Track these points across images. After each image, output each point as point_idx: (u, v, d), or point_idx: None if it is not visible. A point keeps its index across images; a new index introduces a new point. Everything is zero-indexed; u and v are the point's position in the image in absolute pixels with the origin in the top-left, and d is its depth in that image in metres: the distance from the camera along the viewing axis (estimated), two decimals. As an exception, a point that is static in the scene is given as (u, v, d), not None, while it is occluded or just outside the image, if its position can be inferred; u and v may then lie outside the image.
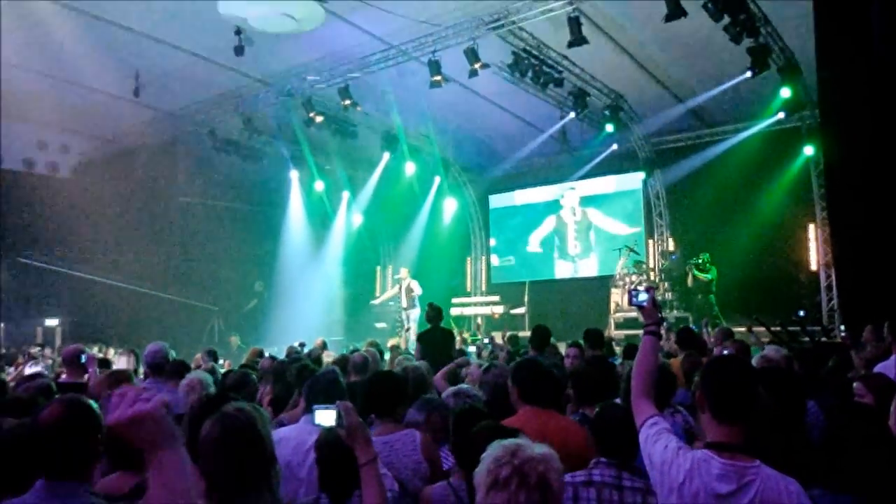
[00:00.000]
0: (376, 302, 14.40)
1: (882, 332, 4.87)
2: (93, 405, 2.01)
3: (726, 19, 8.33)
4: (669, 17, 8.04)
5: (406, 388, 3.14)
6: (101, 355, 7.45)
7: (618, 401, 3.58)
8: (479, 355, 6.52)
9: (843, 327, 9.31)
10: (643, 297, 2.29)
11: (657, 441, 1.88)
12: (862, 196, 6.88)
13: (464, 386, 3.53)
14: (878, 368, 4.06)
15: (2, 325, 11.42)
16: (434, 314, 6.42)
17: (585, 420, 3.18)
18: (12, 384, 4.40)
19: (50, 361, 7.81)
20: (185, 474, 1.17)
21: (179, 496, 1.15)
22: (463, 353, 6.72)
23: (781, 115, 11.57)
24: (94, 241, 12.59)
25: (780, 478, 1.75)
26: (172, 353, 4.80)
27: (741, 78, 9.85)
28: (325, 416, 2.06)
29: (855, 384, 3.04)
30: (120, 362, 6.50)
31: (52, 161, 13.15)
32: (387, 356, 6.51)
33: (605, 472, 2.31)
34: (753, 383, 1.85)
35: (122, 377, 3.92)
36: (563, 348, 6.65)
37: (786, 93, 10.33)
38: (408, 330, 11.18)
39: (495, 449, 1.49)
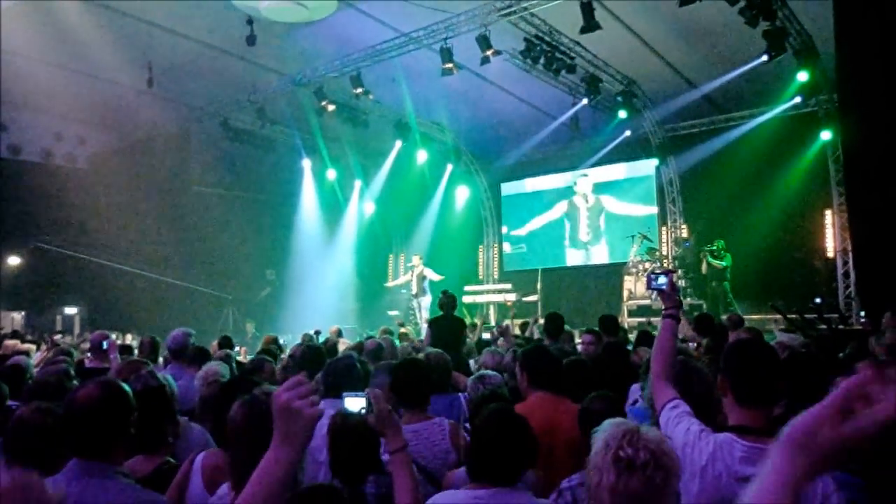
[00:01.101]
0: (389, 285, 14.51)
1: (902, 318, 4.82)
2: (127, 388, 2.06)
3: (742, 2, 8.19)
4: (684, 2, 7.93)
5: (432, 376, 3.11)
6: (119, 342, 7.59)
7: (634, 387, 3.61)
8: (495, 342, 6.53)
9: (862, 313, 9.22)
10: (662, 280, 2.30)
11: (679, 423, 1.89)
12: (881, 181, 6.77)
13: (487, 371, 3.55)
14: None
15: (22, 313, 11.65)
16: (447, 301, 6.42)
17: None
18: (37, 369, 4.50)
19: (72, 348, 7.95)
20: (290, 477, 1.21)
21: (276, 493, 1.19)
22: (481, 342, 6.75)
23: (798, 99, 11.39)
24: (111, 231, 12.76)
25: (802, 459, 1.75)
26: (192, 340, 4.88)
27: (756, 62, 9.69)
28: (355, 403, 2.08)
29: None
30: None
31: (69, 152, 13.31)
32: (404, 344, 6.54)
33: None
34: (776, 367, 1.85)
35: (140, 365, 3.98)
36: (576, 336, 6.68)
37: (803, 76, 10.14)
38: (415, 319, 11.27)
39: (617, 430, 1.44)
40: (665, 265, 13.08)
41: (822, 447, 0.79)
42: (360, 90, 11.05)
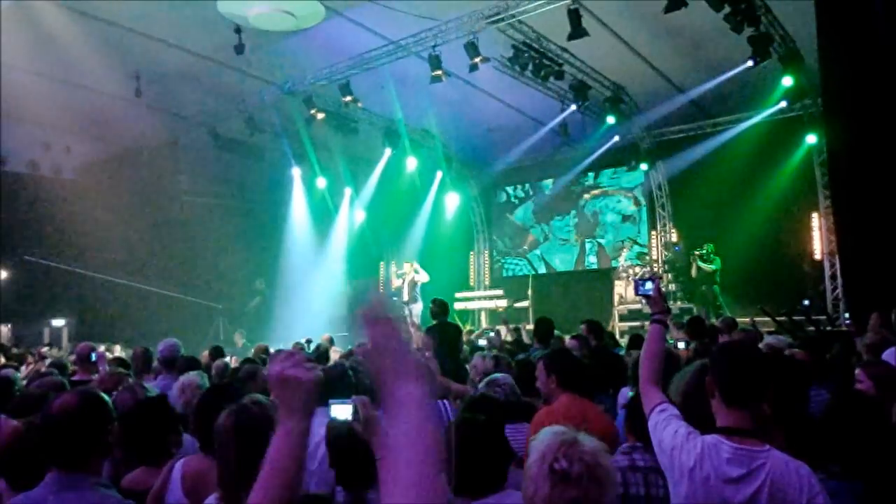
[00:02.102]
0: (381, 291, 14.52)
1: (889, 318, 4.87)
2: (105, 398, 2.04)
3: (727, 8, 8.30)
4: (669, 8, 8.02)
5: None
6: (110, 354, 7.51)
7: (624, 390, 3.62)
8: (490, 348, 6.54)
9: (846, 315, 9.31)
10: (649, 286, 2.32)
11: (667, 426, 1.91)
12: (865, 184, 6.85)
13: (497, 375, 3.56)
14: (885, 356, 4.07)
15: (9, 325, 11.49)
16: (439, 310, 6.43)
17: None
18: (24, 382, 4.44)
19: (65, 361, 7.86)
20: (305, 445, 1.21)
21: (295, 464, 1.19)
22: (475, 347, 6.75)
23: (783, 103, 11.54)
24: (99, 241, 12.63)
25: (789, 461, 1.77)
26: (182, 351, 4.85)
27: (742, 67, 9.81)
28: (342, 411, 2.08)
29: (857, 370, 3.06)
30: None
31: (56, 162, 13.19)
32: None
33: (645, 456, 2.34)
34: (763, 368, 1.87)
35: (121, 377, 3.94)
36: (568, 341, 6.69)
37: (787, 81, 10.28)
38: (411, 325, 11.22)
39: (553, 440, 1.44)
40: (655, 269, 13.16)
41: None
42: (349, 98, 11.07)
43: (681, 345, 5.10)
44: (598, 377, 3.54)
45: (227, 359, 7.71)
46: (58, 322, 12.18)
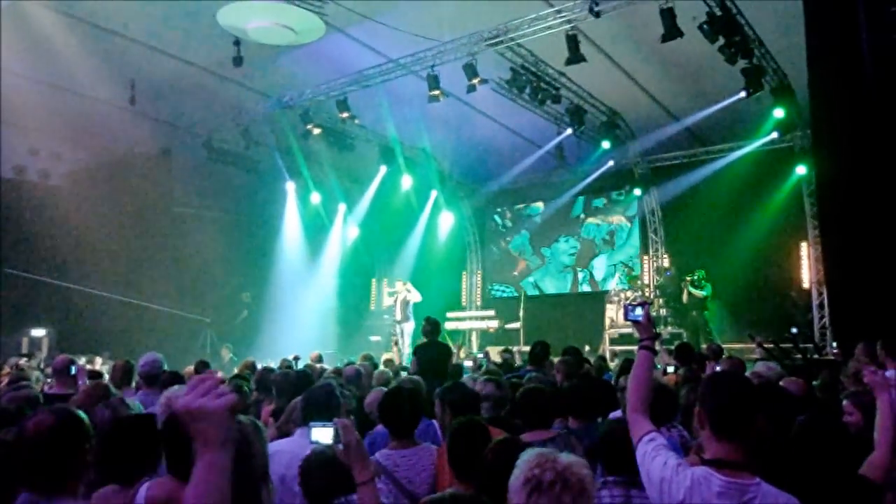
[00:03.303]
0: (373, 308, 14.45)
1: (874, 349, 4.88)
2: (83, 416, 1.97)
3: (721, 40, 8.44)
4: (666, 38, 8.15)
5: (422, 403, 3.16)
6: (89, 367, 7.36)
7: (616, 413, 3.58)
8: (475, 369, 6.47)
9: (834, 344, 9.34)
10: (638, 312, 2.30)
11: (655, 457, 1.87)
12: (853, 215, 6.94)
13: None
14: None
15: (-15, 335, 11.19)
16: (431, 328, 6.37)
17: (569, 433, 3.21)
18: (-1, 393, 4.32)
19: (37, 373, 7.69)
20: (227, 479, 1.15)
21: (219, 498, 1.14)
22: (459, 367, 6.69)
23: (775, 134, 11.74)
24: (85, 250, 12.44)
25: (779, 494, 1.74)
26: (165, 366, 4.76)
27: (735, 98, 9.96)
28: (323, 434, 2.03)
29: (844, 402, 3.04)
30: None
31: (43, 168, 13.03)
32: (381, 369, 6.46)
33: (613, 492, 2.28)
34: (753, 399, 1.84)
35: (102, 390, 3.84)
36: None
37: (779, 113, 10.46)
38: (396, 343, 11.17)
39: (532, 456, 1.54)
40: (646, 294, 13.18)
41: None
42: (346, 114, 11.10)
43: (669, 369, 5.09)
44: (584, 404, 3.50)
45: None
46: (38, 332, 11.91)
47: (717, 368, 5.01)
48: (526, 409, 3.22)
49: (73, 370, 4.58)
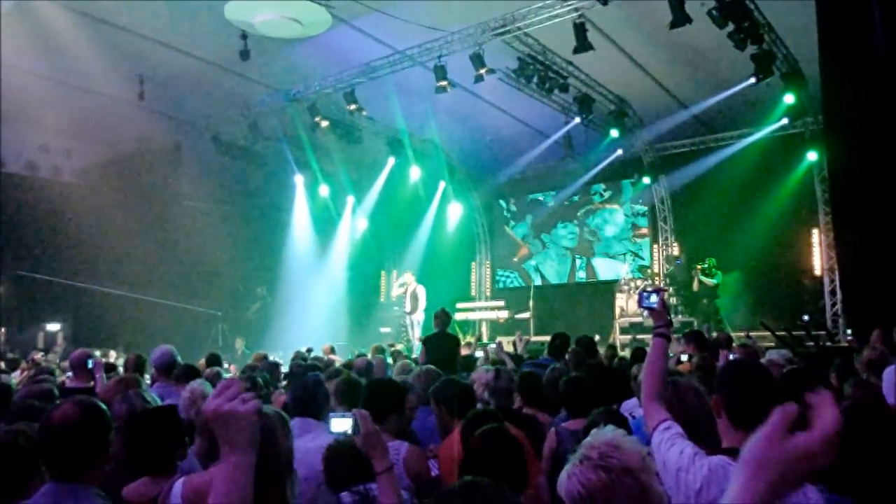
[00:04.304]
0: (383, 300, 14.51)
1: (891, 335, 4.87)
2: (104, 407, 2.02)
3: (730, 26, 8.34)
4: (674, 24, 8.06)
5: (402, 397, 3.08)
6: (104, 360, 7.45)
7: (628, 402, 3.59)
8: (486, 360, 6.50)
9: (849, 331, 9.30)
10: (654, 298, 2.29)
11: (672, 446, 1.87)
12: (865, 201, 6.89)
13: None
14: (885, 374, 4.06)
15: (2, 329, 11.35)
16: (440, 320, 6.41)
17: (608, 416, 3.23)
18: (19, 388, 4.40)
19: (54, 366, 7.80)
20: (251, 480, 1.20)
21: (241, 498, 1.18)
22: (471, 359, 6.73)
23: (785, 120, 11.60)
24: (98, 246, 12.55)
25: (796, 482, 1.75)
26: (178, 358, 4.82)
27: (745, 84, 9.84)
28: (342, 424, 2.06)
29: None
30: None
31: (55, 165, 13.14)
32: (403, 361, 6.51)
33: None
34: (770, 388, 1.85)
35: (132, 383, 3.92)
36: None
37: (789, 99, 10.32)
38: (407, 336, 11.25)
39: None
40: (656, 283, 13.15)
41: (775, 467, 0.83)
42: (353, 106, 11.09)
43: (683, 357, 5.09)
44: (596, 395, 3.51)
45: (226, 366, 7.69)
46: (53, 326, 12.06)
47: (731, 357, 5.00)
48: (570, 398, 3.24)
49: (91, 364, 4.65)
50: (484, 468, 1.94)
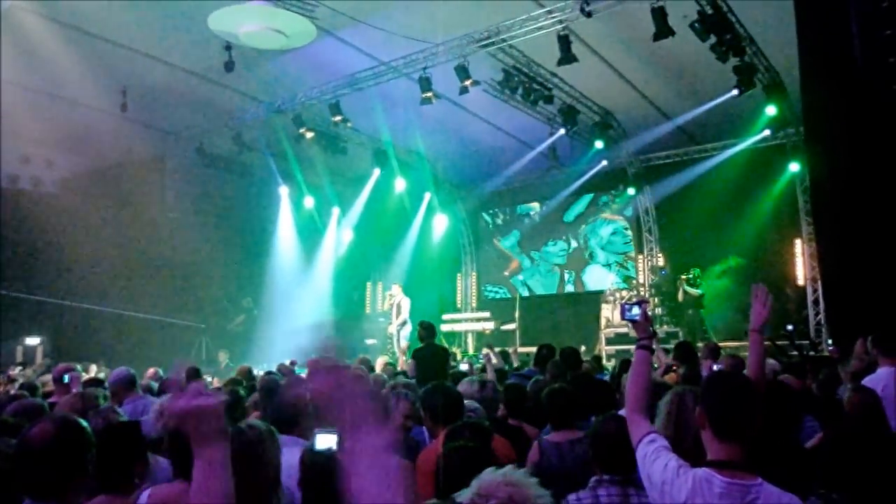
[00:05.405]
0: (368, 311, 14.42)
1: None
2: (84, 424, 1.95)
3: (713, 39, 8.46)
4: (657, 37, 8.16)
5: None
6: (86, 374, 7.30)
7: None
8: (470, 372, 6.45)
9: (830, 341, 9.37)
10: (636, 311, 2.28)
11: (656, 459, 1.85)
12: (846, 211, 6.97)
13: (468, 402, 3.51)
14: (865, 382, 4.08)
15: (-21, 343, 11.10)
16: (426, 333, 6.36)
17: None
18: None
19: (32, 380, 7.60)
20: (229, 472, 1.21)
21: (221, 493, 1.19)
22: (461, 373, 6.66)
23: (767, 132, 11.78)
24: (79, 257, 12.36)
25: (781, 494, 1.73)
26: (160, 371, 4.72)
27: (728, 96, 9.99)
28: (326, 440, 2.01)
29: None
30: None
31: (35, 176, 12.96)
32: (376, 373, 6.42)
33: (610, 490, 2.26)
34: (755, 400, 1.83)
35: (89, 398, 3.79)
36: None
37: (771, 111, 10.49)
38: (391, 347, 11.17)
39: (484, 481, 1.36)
40: (642, 293, 13.20)
41: None
42: (338, 118, 11.07)
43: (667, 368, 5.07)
44: (579, 407, 3.48)
45: (209, 379, 7.55)
46: (32, 340, 11.82)
47: (715, 367, 5.00)
48: (553, 410, 3.21)
49: (67, 378, 4.54)
50: (453, 486, 1.90)
